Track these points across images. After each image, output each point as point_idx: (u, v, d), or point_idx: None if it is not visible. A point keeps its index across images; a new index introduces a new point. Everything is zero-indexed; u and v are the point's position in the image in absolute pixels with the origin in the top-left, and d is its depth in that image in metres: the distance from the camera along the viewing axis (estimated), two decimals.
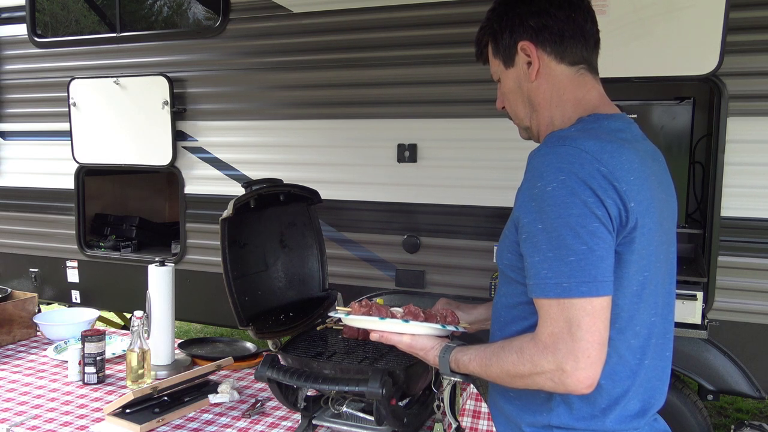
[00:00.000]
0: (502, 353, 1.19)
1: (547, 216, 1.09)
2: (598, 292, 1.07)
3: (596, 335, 1.07)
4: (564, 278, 1.07)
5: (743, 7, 2.66)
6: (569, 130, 1.22)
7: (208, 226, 3.73)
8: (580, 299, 1.06)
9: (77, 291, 4.19)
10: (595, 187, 1.07)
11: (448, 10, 3.12)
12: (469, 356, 1.26)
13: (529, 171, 1.15)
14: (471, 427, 1.90)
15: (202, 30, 3.87)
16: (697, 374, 2.82)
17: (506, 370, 1.18)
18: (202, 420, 1.80)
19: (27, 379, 2.09)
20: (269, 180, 1.82)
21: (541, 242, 1.10)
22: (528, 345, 1.13)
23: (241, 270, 1.72)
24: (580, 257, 1.06)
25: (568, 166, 1.09)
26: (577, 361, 1.07)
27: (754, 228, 2.74)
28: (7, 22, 4.24)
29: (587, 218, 1.06)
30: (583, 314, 1.06)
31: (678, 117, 3.64)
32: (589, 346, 1.07)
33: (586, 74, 1.28)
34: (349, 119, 3.38)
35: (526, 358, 1.13)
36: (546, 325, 1.10)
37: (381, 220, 3.36)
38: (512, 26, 1.27)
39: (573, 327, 1.07)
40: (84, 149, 4.03)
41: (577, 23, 1.26)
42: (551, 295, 1.08)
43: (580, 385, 1.09)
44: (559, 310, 1.08)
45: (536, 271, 1.11)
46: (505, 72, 1.32)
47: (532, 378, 1.13)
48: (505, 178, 3.07)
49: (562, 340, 1.08)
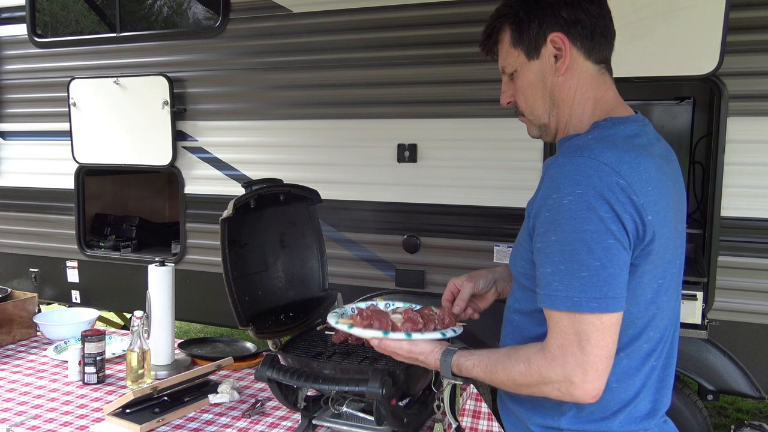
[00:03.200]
0: (508, 362, 1.18)
1: (561, 229, 1.08)
2: (608, 309, 1.07)
3: (605, 349, 1.08)
4: (575, 292, 1.07)
5: (743, 7, 2.65)
6: (586, 137, 1.19)
7: (208, 226, 3.73)
8: (590, 314, 1.07)
9: (77, 291, 4.19)
10: (613, 202, 1.06)
11: (448, 10, 3.12)
12: (473, 361, 1.25)
13: (545, 181, 1.13)
14: (471, 427, 1.90)
15: (202, 30, 3.87)
16: (697, 374, 2.82)
17: (513, 379, 1.17)
18: (202, 420, 1.80)
19: (27, 379, 2.09)
20: (269, 180, 1.82)
21: (554, 254, 1.09)
22: (536, 356, 1.13)
23: (241, 270, 1.72)
24: (592, 273, 1.06)
25: (586, 179, 1.07)
26: (585, 373, 1.08)
27: (754, 228, 2.74)
28: (7, 22, 4.24)
29: (602, 234, 1.06)
30: (593, 329, 1.07)
31: (678, 117, 3.64)
32: (597, 360, 1.07)
33: (606, 74, 1.27)
34: (349, 119, 3.38)
35: (533, 368, 1.13)
36: (555, 336, 1.10)
37: (381, 220, 3.36)
38: (543, 16, 1.22)
39: (582, 341, 1.07)
40: (84, 149, 4.03)
41: (605, 21, 1.24)
42: (562, 307, 1.09)
43: (587, 396, 1.10)
44: (569, 323, 1.08)
45: (548, 282, 1.10)
46: (527, 64, 1.25)
47: (538, 387, 1.14)
48: (505, 178, 3.08)
49: (571, 353, 1.08)
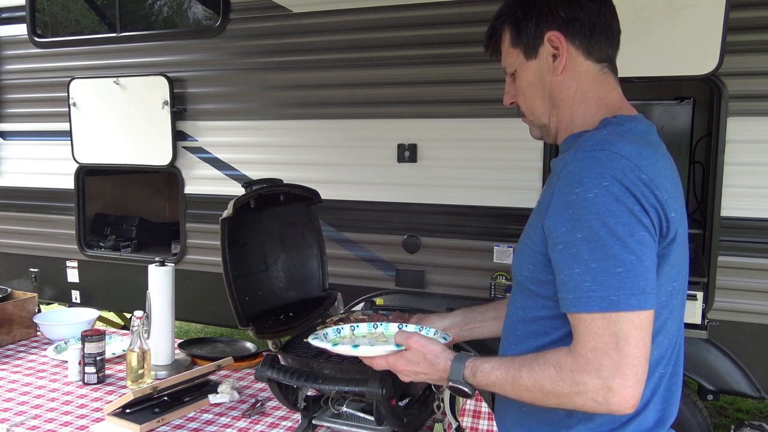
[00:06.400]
0: (536, 365, 1.08)
1: (588, 224, 1.01)
2: (647, 305, 1.00)
3: (644, 350, 1.01)
4: (612, 290, 0.99)
5: (743, 7, 2.65)
6: (601, 132, 1.14)
7: (208, 226, 3.73)
8: (629, 313, 0.99)
9: (77, 291, 4.19)
10: (639, 195, 1.01)
11: (447, 10, 3.12)
12: (492, 364, 1.14)
13: (562, 177, 1.07)
14: (471, 427, 1.90)
15: (202, 30, 3.87)
16: (697, 374, 2.82)
17: (541, 385, 1.06)
18: (202, 420, 1.80)
19: (27, 379, 2.09)
20: (269, 180, 1.81)
21: (582, 252, 1.01)
22: (566, 360, 1.04)
23: (241, 270, 1.72)
24: (629, 268, 0.99)
25: (610, 172, 1.02)
26: (624, 378, 0.99)
27: (754, 228, 2.74)
28: (7, 22, 4.24)
29: (635, 226, 1.00)
30: (632, 328, 0.99)
31: (678, 117, 3.65)
32: (636, 362, 1.00)
33: (609, 73, 1.23)
34: (349, 119, 3.38)
35: (566, 374, 1.03)
36: (587, 339, 1.01)
37: (381, 220, 3.36)
38: (540, 15, 1.19)
39: (621, 342, 0.99)
40: (84, 149, 4.03)
41: (606, 19, 1.20)
42: (596, 309, 1.00)
43: (626, 404, 1.01)
44: (605, 324, 1.00)
45: (577, 284, 1.02)
46: (525, 64, 1.23)
47: (570, 398, 1.04)
48: (505, 178, 3.07)
49: (607, 356, 1.00)
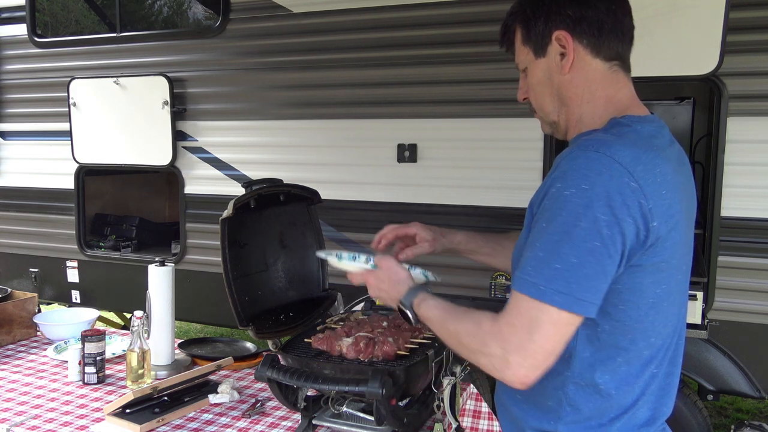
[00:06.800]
0: (464, 317, 1.20)
1: (552, 218, 1.07)
2: (571, 308, 1.05)
3: (550, 344, 1.07)
4: (543, 281, 1.05)
5: (743, 7, 2.65)
6: (605, 133, 1.15)
7: (208, 226, 3.73)
8: (550, 306, 1.05)
9: (77, 291, 4.19)
10: (616, 204, 1.03)
11: (447, 10, 3.12)
12: (436, 303, 1.28)
13: (554, 170, 1.12)
14: (471, 427, 1.90)
15: (202, 30, 3.87)
16: (697, 374, 2.82)
17: (459, 335, 1.19)
18: (202, 420, 1.80)
19: (27, 379, 2.09)
20: (269, 180, 1.82)
21: (537, 240, 1.08)
22: (486, 323, 1.13)
23: (241, 270, 1.72)
24: (567, 268, 1.04)
25: (596, 176, 1.05)
26: (523, 358, 1.07)
27: (754, 228, 2.74)
28: (7, 22, 4.24)
29: (591, 234, 1.04)
30: (548, 320, 1.05)
31: (678, 117, 3.65)
32: (539, 350, 1.06)
33: (619, 71, 1.22)
34: (349, 119, 3.38)
35: (480, 334, 1.13)
36: (509, 314, 1.10)
37: (381, 220, 3.34)
38: (548, 13, 1.20)
39: (533, 327, 1.06)
40: (84, 149, 4.03)
41: (616, 16, 1.19)
42: (525, 292, 1.07)
43: (516, 381, 1.09)
44: (527, 307, 1.07)
45: (523, 266, 1.10)
46: (535, 62, 1.25)
47: (476, 355, 1.14)
48: (505, 178, 3.07)
49: (517, 335, 1.07)
